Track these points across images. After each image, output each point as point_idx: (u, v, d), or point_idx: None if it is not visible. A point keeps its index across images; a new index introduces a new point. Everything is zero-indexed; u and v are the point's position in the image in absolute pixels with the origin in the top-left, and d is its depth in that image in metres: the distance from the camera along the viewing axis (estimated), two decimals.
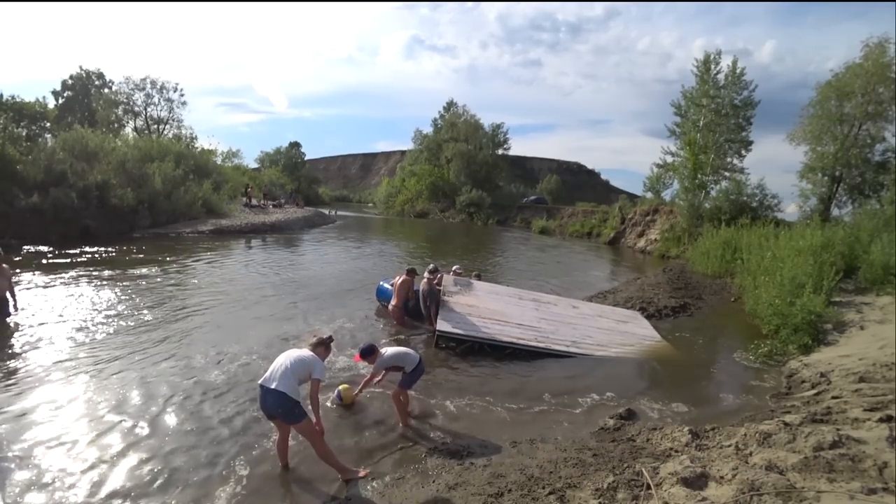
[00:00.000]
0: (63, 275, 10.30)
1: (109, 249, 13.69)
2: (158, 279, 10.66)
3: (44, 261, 11.74)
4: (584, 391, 6.01)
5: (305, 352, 4.00)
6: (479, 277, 10.28)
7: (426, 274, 8.02)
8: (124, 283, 9.94)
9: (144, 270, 11.35)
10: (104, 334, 6.99)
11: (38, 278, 9.88)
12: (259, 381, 3.83)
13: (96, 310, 8.04)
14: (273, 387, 3.68)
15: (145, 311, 8.17)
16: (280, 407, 3.69)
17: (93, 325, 7.33)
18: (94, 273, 10.68)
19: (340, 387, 5.31)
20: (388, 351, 4.96)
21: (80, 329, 7.10)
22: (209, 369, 5.93)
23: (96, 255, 12.83)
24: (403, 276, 8.34)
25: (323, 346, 4.15)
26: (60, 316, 7.58)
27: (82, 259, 12.27)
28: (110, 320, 7.59)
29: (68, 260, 12.02)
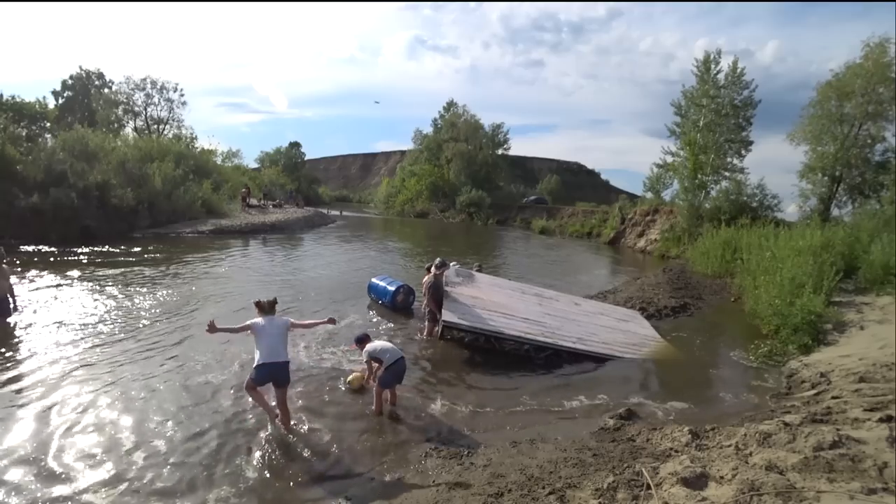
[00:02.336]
0: (63, 275, 10.30)
1: (109, 249, 13.69)
2: (158, 279, 10.66)
3: (44, 261, 11.74)
4: (583, 391, 6.01)
5: (272, 318, 4.72)
6: (480, 270, 10.23)
7: (433, 269, 7.92)
8: (124, 284, 9.94)
9: (144, 271, 11.35)
10: (104, 334, 6.99)
11: (38, 278, 9.89)
12: (266, 361, 4.47)
13: (96, 310, 8.04)
14: (284, 360, 4.57)
15: (146, 312, 8.17)
16: (287, 373, 4.62)
17: (92, 325, 7.33)
18: (94, 273, 10.68)
19: (350, 377, 5.61)
20: (374, 343, 5.25)
21: (80, 329, 7.10)
22: (211, 369, 5.93)
23: (96, 256, 12.83)
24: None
25: (275, 307, 4.88)
26: (60, 316, 7.59)
27: (82, 259, 12.27)
28: (110, 320, 7.59)
29: (68, 260, 12.02)
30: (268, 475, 3.97)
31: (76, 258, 12.31)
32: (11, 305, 7.39)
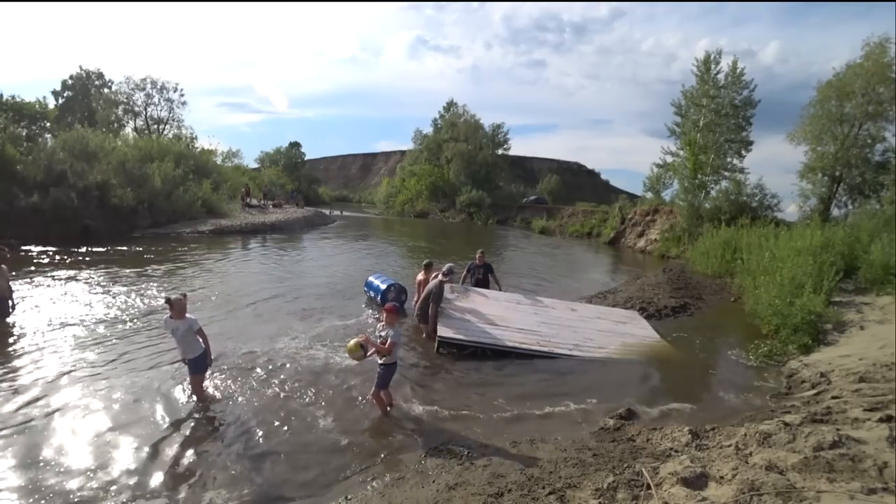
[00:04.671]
0: (63, 275, 10.29)
1: (109, 249, 13.68)
2: (158, 279, 10.65)
3: (43, 261, 11.74)
4: (583, 391, 6.00)
5: (181, 322, 4.94)
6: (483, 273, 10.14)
7: (440, 276, 7.87)
8: (124, 284, 9.94)
9: (144, 270, 11.35)
10: (104, 334, 6.99)
11: (38, 278, 9.88)
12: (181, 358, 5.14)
13: (96, 310, 8.04)
14: (191, 357, 5.00)
15: (145, 311, 8.16)
16: (199, 366, 5.07)
17: (92, 325, 7.33)
18: (94, 273, 10.67)
19: (352, 342, 4.83)
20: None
21: (79, 329, 7.10)
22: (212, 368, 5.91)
23: (96, 256, 12.82)
24: (423, 273, 8.30)
25: (184, 307, 5.05)
26: (60, 316, 7.58)
27: (82, 259, 12.26)
28: (110, 320, 7.59)
29: (68, 260, 12.02)
30: (266, 475, 3.96)
31: (76, 258, 12.30)
32: (10, 305, 7.39)
